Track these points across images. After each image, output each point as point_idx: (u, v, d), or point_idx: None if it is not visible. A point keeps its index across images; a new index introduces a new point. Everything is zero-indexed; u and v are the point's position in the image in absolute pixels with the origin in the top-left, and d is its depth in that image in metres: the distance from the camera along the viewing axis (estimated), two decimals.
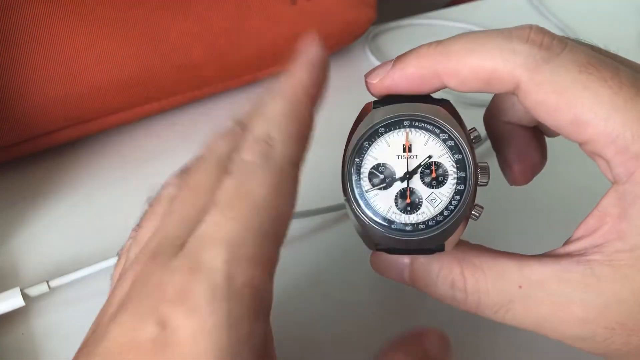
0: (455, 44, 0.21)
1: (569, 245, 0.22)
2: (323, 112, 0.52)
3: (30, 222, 0.38)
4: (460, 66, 0.21)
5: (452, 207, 0.22)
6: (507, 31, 0.21)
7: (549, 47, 0.20)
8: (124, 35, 0.39)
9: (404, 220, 0.22)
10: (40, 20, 0.37)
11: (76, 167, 0.42)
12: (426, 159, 0.23)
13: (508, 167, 0.26)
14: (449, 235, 0.22)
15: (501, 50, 0.20)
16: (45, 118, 0.39)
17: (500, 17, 0.59)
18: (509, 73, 0.20)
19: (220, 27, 0.43)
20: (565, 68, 0.20)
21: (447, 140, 0.23)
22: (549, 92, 0.20)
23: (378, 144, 0.23)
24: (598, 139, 0.20)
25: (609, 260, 0.20)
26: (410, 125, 0.23)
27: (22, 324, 0.32)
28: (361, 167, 0.23)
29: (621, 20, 0.59)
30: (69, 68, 0.38)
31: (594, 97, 0.19)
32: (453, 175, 0.22)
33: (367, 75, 0.24)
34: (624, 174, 0.20)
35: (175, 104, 0.45)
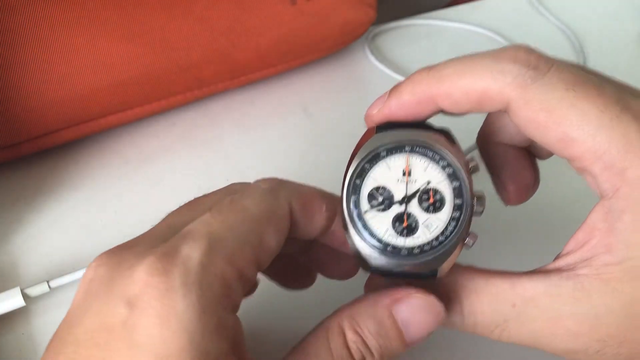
0: (447, 68, 0.22)
1: (559, 260, 0.22)
2: (323, 111, 0.52)
3: (30, 222, 0.38)
4: (453, 88, 0.22)
5: (447, 232, 0.23)
6: (495, 52, 0.22)
7: (536, 66, 0.21)
8: (123, 35, 0.39)
9: (400, 243, 0.23)
10: (40, 21, 0.37)
11: (76, 167, 0.42)
12: (425, 184, 0.23)
13: (503, 187, 0.26)
14: (443, 261, 0.23)
15: (490, 71, 0.21)
16: (45, 118, 0.39)
17: (500, 17, 0.59)
18: (499, 92, 0.21)
19: (220, 27, 0.43)
20: (553, 86, 0.20)
21: (446, 167, 0.23)
22: (538, 109, 0.20)
23: (379, 166, 0.23)
24: (586, 156, 0.20)
25: (597, 273, 0.20)
26: (411, 150, 0.23)
27: (22, 324, 0.32)
28: (361, 188, 0.23)
29: (621, 20, 0.59)
30: (69, 68, 0.38)
31: (580, 114, 0.20)
32: (450, 202, 0.23)
33: (368, 109, 0.24)
34: (610, 189, 0.20)
35: (175, 104, 0.45)
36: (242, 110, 0.48)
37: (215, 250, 0.20)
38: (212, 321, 0.19)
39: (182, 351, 0.18)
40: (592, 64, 0.53)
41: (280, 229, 0.22)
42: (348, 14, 0.48)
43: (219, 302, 0.19)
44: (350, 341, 0.21)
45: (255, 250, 0.21)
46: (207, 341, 0.18)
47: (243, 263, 0.20)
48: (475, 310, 0.22)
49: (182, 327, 0.18)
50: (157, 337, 0.18)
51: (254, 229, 0.21)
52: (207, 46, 0.43)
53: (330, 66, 0.52)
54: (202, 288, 0.19)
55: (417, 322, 0.22)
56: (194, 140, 0.45)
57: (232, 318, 0.20)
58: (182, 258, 0.19)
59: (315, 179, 0.27)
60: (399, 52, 0.54)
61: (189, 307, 0.18)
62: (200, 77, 0.44)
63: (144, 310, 0.18)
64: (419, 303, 0.22)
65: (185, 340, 0.18)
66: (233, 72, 0.46)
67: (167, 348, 0.18)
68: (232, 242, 0.20)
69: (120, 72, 0.40)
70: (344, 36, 0.50)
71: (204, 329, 0.18)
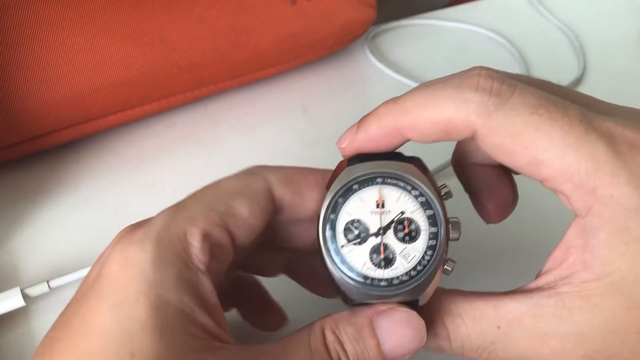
0: (410, 99, 0.22)
1: (539, 279, 0.22)
2: (323, 112, 0.52)
3: (30, 222, 0.38)
4: (418, 120, 0.22)
5: (425, 262, 0.23)
6: (457, 80, 0.22)
7: (498, 92, 0.21)
8: (123, 35, 0.39)
9: (379, 275, 0.23)
10: (41, 21, 0.37)
11: (76, 167, 0.42)
12: (399, 215, 0.23)
13: (482, 207, 0.27)
14: (422, 290, 0.23)
15: (453, 100, 0.21)
16: (45, 118, 0.39)
17: (500, 17, 0.59)
18: (464, 121, 0.21)
19: (220, 27, 0.43)
20: (517, 111, 0.20)
21: (418, 196, 0.23)
22: (504, 136, 0.21)
23: (352, 200, 0.23)
24: (555, 177, 0.20)
25: (577, 291, 0.21)
26: (383, 182, 0.23)
27: (22, 324, 0.32)
28: (336, 222, 0.23)
29: (621, 20, 0.59)
30: (69, 68, 0.38)
31: (546, 137, 0.20)
32: (425, 231, 0.23)
33: (338, 142, 0.25)
34: (583, 207, 0.20)
35: (175, 104, 0.45)
36: (242, 110, 0.48)
37: (177, 213, 0.22)
38: (170, 272, 0.20)
39: (140, 294, 0.19)
40: (592, 64, 0.53)
41: (256, 201, 0.23)
42: (348, 14, 0.48)
43: (179, 257, 0.21)
44: (328, 341, 0.22)
45: (223, 215, 0.22)
46: (165, 290, 0.20)
47: (207, 225, 0.22)
48: (461, 335, 0.22)
49: (140, 274, 0.20)
50: (118, 283, 0.20)
51: (221, 198, 0.23)
52: (207, 46, 0.43)
53: (330, 66, 0.52)
54: (161, 242, 0.21)
55: (396, 334, 0.22)
56: (194, 140, 0.45)
57: (197, 274, 0.21)
58: (148, 222, 0.22)
59: None
60: (399, 52, 0.54)
61: (147, 257, 0.20)
62: (200, 77, 0.44)
63: (110, 263, 0.20)
64: (400, 316, 0.22)
65: (143, 285, 0.19)
66: (233, 72, 0.46)
67: (126, 292, 0.19)
68: (195, 207, 0.22)
69: (120, 72, 0.40)
70: (344, 36, 0.50)
71: (163, 278, 0.20)
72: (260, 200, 0.23)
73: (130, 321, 0.19)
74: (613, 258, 0.20)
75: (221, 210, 0.22)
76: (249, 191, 0.23)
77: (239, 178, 0.24)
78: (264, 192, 0.24)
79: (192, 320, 0.20)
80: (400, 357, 0.22)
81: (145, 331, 0.19)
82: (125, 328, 0.19)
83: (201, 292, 0.21)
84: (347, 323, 0.22)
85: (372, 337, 0.22)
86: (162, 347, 0.19)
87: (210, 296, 0.21)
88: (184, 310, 0.20)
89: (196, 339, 0.20)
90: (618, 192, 0.20)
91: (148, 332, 0.19)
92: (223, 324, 0.21)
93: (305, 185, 0.25)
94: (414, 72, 0.51)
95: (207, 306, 0.21)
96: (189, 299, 0.20)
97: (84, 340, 0.19)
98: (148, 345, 0.19)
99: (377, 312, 0.22)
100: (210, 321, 0.20)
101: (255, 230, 0.23)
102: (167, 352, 0.19)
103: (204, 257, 0.21)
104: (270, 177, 0.24)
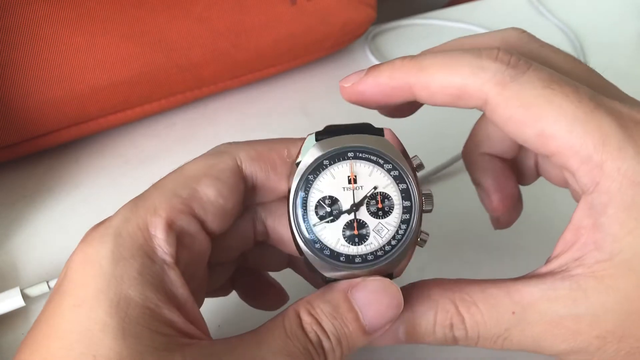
0: (428, 59, 0.22)
1: (551, 263, 0.22)
2: (323, 112, 0.52)
3: (30, 222, 0.38)
4: (431, 80, 0.22)
5: (399, 236, 0.22)
6: (477, 50, 0.22)
7: (515, 65, 0.21)
8: (124, 35, 0.39)
9: (353, 252, 0.22)
10: (40, 21, 0.37)
11: (76, 167, 0.42)
12: (372, 190, 0.23)
13: (487, 197, 0.27)
14: (397, 264, 0.22)
15: (471, 66, 0.21)
16: (45, 118, 0.39)
17: (500, 17, 0.59)
18: (478, 89, 0.21)
19: (220, 27, 0.43)
20: (531, 84, 0.21)
21: (391, 170, 0.23)
22: (516, 106, 0.21)
23: (323, 176, 0.23)
24: (563, 151, 0.20)
25: (591, 271, 0.20)
26: (354, 156, 0.23)
27: (22, 324, 0.32)
28: (307, 200, 0.23)
29: (621, 20, 0.59)
30: (69, 68, 0.38)
31: (557, 110, 0.20)
32: (399, 205, 0.23)
33: (341, 80, 0.24)
34: (590, 183, 0.20)
35: (175, 104, 0.45)
36: (242, 110, 0.48)
37: (138, 204, 0.21)
38: (131, 267, 0.19)
39: (100, 293, 0.19)
40: (592, 64, 0.53)
41: (223, 180, 0.22)
42: (348, 14, 0.48)
43: (141, 250, 0.20)
44: (305, 323, 0.21)
45: (187, 201, 0.21)
46: (126, 286, 0.19)
47: (170, 213, 0.21)
48: (477, 323, 0.22)
49: (99, 271, 0.19)
50: (78, 282, 0.19)
51: (184, 182, 0.22)
52: (207, 46, 0.43)
53: (330, 66, 0.52)
54: (120, 236, 0.20)
55: (373, 304, 0.21)
56: (194, 140, 0.45)
57: (162, 267, 0.20)
58: (110, 217, 0.21)
59: None
60: (399, 52, 0.54)
61: (106, 253, 0.19)
62: (200, 77, 0.44)
63: (71, 263, 0.20)
64: (375, 285, 0.22)
65: (102, 283, 0.19)
66: (233, 72, 0.46)
67: (86, 291, 0.19)
68: (157, 195, 0.21)
69: (120, 72, 0.40)
70: (344, 36, 0.50)
71: (122, 274, 0.19)
72: (227, 180, 0.22)
73: (91, 322, 0.18)
74: (623, 234, 0.20)
75: (185, 196, 0.21)
76: (215, 171, 0.22)
77: (204, 158, 0.23)
78: (232, 171, 0.23)
79: (157, 317, 0.19)
80: (380, 328, 0.22)
81: (107, 332, 0.18)
82: (86, 329, 0.18)
83: (168, 286, 0.20)
84: (322, 301, 0.21)
85: (350, 310, 0.21)
86: (124, 348, 0.18)
87: (178, 290, 0.20)
88: (148, 306, 0.19)
89: (162, 336, 0.19)
90: (625, 166, 0.20)
91: (109, 332, 0.18)
92: (195, 318, 0.21)
93: (278, 160, 0.24)
94: None
95: (174, 301, 0.20)
96: (153, 294, 0.19)
97: (47, 345, 0.19)
98: (109, 346, 0.18)
99: (351, 286, 0.22)
100: (178, 317, 0.20)
101: (228, 213, 0.22)
102: (129, 353, 0.18)
103: (169, 248, 0.20)
104: (239, 154, 0.23)
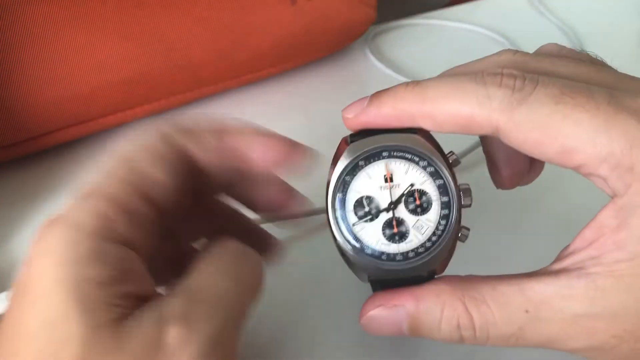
0: (431, 88, 0.22)
1: (564, 259, 0.22)
2: (323, 112, 0.52)
3: (30, 222, 0.38)
4: (437, 111, 0.22)
5: (439, 232, 0.23)
6: (480, 76, 0.21)
7: (521, 88, 0.21)
8: (124, 35, 0.39)
9: (394, 250, 0.23)
10: (41, 21, 0.37)
11: (76, 167, 0.42)
12: (409, 187, 0.23)
13: (497, 170, 0.26)
14: (439, 261, 0.23)
15: (477, 96, 0.21)
16: (45, 118, 0.39)
17: (500, 17, 0.59)
18: (486, 117, 0.21)
19: (219, 27, 0.43)
20: (541, 103, 0.20)
21: (426, 167, 0.23)
22: (530, 129, 0.20)
23: (359, 177, 0.23)
24: (589, 162, 0.20)
25: (610, 271, 0.20)
26: (389, 155, 0.23)
27: None
28: (345, 201, 0.23)
29: (621, 20, 0.59)
30: (69, 68, 0.38)
31: (574, 124, 0.20)
32: (437, 201, 0.23)
33: (344, 110, 0.24)
34: (622, 187, 0.20)
35: (175, 104, 0.45)
36: (242, 110, 0.48)
37: (82, 192, 0.21)
38: (87, 249, 0.19)
39: (58, 282, 0.19)
40: None
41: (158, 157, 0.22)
42: (348, 14, 0.48)
43: (95, 233, 0.20)
44: None
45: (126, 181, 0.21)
46: (83, 268, 0.19)
47: (121, 196, 0.21)
48: (487, 322, 0.21)
49: (55, 260, 0.19)
50: (35, 274, 0.19)
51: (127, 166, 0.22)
52: (207, 46, 0.43)
53: (330, 66, 0.52)
54: (73, 221, 0.20)
55: None
56: None
57: (117, 248, 0.20)
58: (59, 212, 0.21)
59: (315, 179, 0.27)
60: (399, 52, 0.54)
61: (59, 240, 0.19)
62: (200, 77, 0.44)
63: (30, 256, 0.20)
64: None
65: (60, 271, 0.19)
66: (233, 72, 0.46)
67: (43, 281, 0.19)
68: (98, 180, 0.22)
69: (120, 72, 0.40)
70: (344, 36, 0.50)
71: (79, 258, 0.19)
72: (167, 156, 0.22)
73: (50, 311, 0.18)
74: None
75: (125, 175, 0.21)
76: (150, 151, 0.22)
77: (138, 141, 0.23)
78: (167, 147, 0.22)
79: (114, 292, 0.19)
80: None
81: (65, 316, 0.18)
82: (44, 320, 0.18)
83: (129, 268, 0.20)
84: None
85: None
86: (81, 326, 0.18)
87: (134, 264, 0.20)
88: (103, 282, 0.19)
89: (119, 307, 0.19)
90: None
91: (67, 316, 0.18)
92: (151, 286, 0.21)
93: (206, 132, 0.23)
94: (414, 72, 0.51)
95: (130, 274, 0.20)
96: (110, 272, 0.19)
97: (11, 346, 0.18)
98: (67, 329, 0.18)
99: None
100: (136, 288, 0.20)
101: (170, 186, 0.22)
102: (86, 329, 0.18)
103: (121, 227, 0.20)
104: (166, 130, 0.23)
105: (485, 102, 0.21)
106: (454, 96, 0.21)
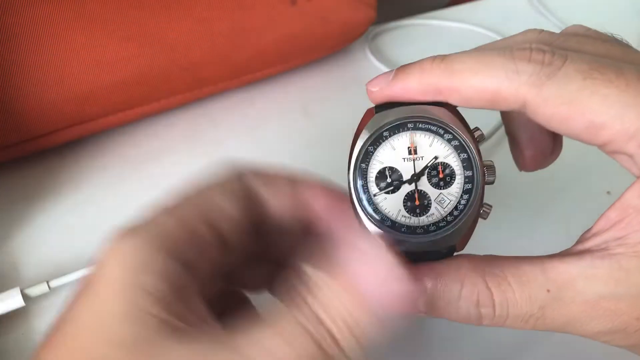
0: (459, 62, 0.22)
1: (588, 240, 0.22)
2: (323, 112, 0.52)
3: (31, 222, 0.38)
4: (464, 86, 0.21)
5: (461, 206, 0.22)
6: (508, 51, 0.21)
7: (550, 62, 0.20)
8: (123, 35, 0.39)
9: (414, 222, 0.22)
10: (40, 21, 0.37)
11: (76, 167, 0.42)
12: (432, 160, 0.22)
13: (520, 152, 0.26)
14: (460, 235, 0.22)
15: (505, 70, 0.21)
16: (46, 118, 0.39)
17: (500, 17, 0.59)
18: (514, 92, 0.21)
19: (220, 27, 0.43)
20: (569, 79, 0.20)
21: (451, 140, 0.22)
22: (558, 104, 0.20)
23: (383, 147, 0.23)
24: (616, 138, 0.20)
25: (634, 252, 0.20)
26: (414, 127, 0.22)
27: (22, 324, 0.32)
28: (367, 171, 0.23)
29: (621, 20, 0.59)
30: (69, 68, 0.38)
31: (602, 99, 0.20)
32: (460, 175, 0.22)
33: (368, 83, 0.24)
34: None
35: (175, 104, 0.45)
36: (242, 110, 0.48)
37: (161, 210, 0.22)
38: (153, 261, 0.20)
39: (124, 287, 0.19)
40: None
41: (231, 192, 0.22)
42: (348, 14, 0.48)
43: (162, 247, 0.20)
44: None
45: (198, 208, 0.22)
46: (145, 276, 0.19)
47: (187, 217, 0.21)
48: (507, 300, 0.21)
49: (123, 262, 0.20)
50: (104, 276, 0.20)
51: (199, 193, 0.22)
52: (207, 46, 0.43)
53: (330, 66, 0.52)
54: (146, 232, 0.20)
55: None
56: (194, 140, 0.45)
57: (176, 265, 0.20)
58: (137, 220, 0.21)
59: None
60: (399, 52, 0.54)
61: (130, 247, 0.20)
62: (200, 77, 0.44)
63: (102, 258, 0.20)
64: None
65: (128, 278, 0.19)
66: (233, 72, 0.46)
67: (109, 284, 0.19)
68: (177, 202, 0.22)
69: (120, 72, 0.40)
70: (344, 36, 0.50)
71: (143, 266, 0.20)
72: (236, 192, 0.22)
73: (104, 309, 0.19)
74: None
75: (199, 204, 0.22)
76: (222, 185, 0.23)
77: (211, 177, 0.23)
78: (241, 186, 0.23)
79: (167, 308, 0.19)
80: None
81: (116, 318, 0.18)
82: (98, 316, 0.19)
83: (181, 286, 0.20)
84: None
85: None
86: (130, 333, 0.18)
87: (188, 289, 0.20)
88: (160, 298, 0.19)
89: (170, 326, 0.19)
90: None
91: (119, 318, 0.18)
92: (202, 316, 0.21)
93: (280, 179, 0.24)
94: None
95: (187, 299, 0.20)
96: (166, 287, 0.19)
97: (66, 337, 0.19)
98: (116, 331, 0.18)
99: None
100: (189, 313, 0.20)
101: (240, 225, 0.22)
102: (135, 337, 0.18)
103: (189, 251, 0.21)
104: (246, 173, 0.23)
105: (514, 77, 0.20)
106: (481, 70, 0.21)
